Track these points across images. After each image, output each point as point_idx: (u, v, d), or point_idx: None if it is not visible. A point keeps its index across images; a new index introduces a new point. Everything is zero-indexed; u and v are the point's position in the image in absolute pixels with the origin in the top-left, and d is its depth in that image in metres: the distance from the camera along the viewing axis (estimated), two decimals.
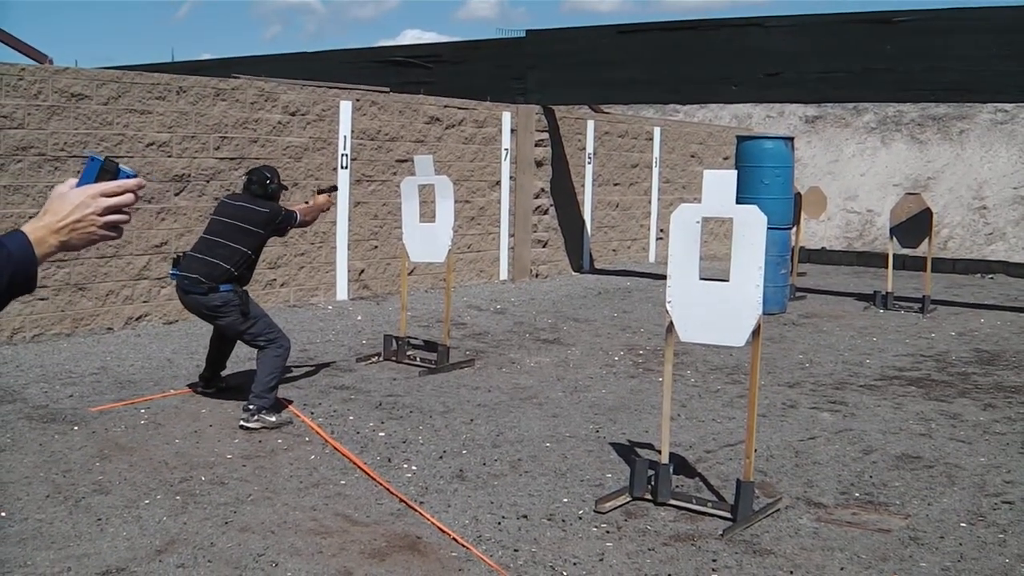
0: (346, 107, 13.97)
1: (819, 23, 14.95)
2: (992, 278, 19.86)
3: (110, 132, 11.12)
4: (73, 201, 2.23)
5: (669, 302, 6.20)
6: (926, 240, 15.35)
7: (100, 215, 2.25)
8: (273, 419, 7.78)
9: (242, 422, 7.70)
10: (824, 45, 14.67)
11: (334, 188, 9.59)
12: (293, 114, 13.22)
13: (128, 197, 2.28)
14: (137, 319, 11.49)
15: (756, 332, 5.98)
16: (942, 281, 18.37)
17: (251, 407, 7.73)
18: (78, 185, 2.26)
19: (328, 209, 9.17)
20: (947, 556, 5.62)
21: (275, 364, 8.00)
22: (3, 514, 5.79)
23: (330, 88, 14.10)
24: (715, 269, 6.02)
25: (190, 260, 8.15)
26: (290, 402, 8.40)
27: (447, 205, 10.13)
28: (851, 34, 14.53)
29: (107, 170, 2.27)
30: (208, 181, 12.06)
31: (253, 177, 8.52)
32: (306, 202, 9.23)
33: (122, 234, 2.35)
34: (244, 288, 8.17)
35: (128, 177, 2.28)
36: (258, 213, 8.26)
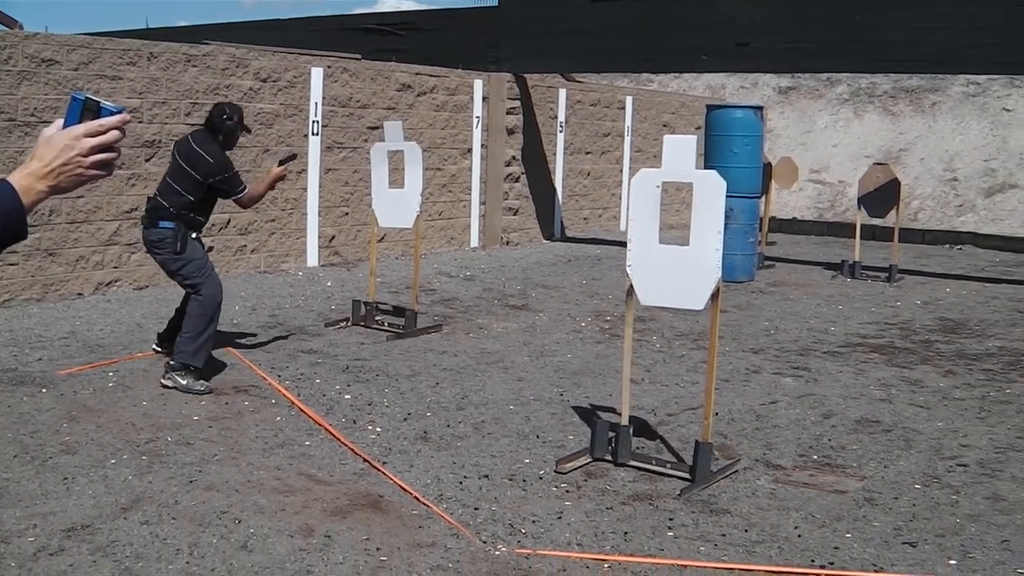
0: (317, 74, 13.98)
1: None
2: (961, 249, 20.02)
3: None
4: (57, 144, 2.22)
5: (629, 266, 6.28)
6: (894, 210, 15.46)
7: (86, 155, 2.24)
8: (185, 383, 7.70)
9: (162, 380, 7.77)
10: (794, 15, 14.71)
11: (292, 157, 9.23)
12: (264, 80, 13.23)
13: (113, 134, 2.26)
14: (107, 284, 11.52)
15: (715, 296, 6.07)
16: (911, 251, 18.51)
17: (171, 362, 7.78)
18: (64, 127, 2.25)
19: (284, 178, 8.81)
20: (900, 516, 5.73)
21: (199, 314, 7.84)
22: None
23: (301, 55, 14.11)
24: (685, 238, 6.10)
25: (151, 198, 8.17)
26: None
27: (416, 171, 10.17)
28: (822, 5, 14.58)
29: (89, 109, 2.26)
30: None
31: (213, 111, 8.26)
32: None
33: (112, 171, 2.34)
34: (190, 231, 8.04)
35: (111, 114, 2.27)
36: (204, 161, 7.98)
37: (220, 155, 8.09)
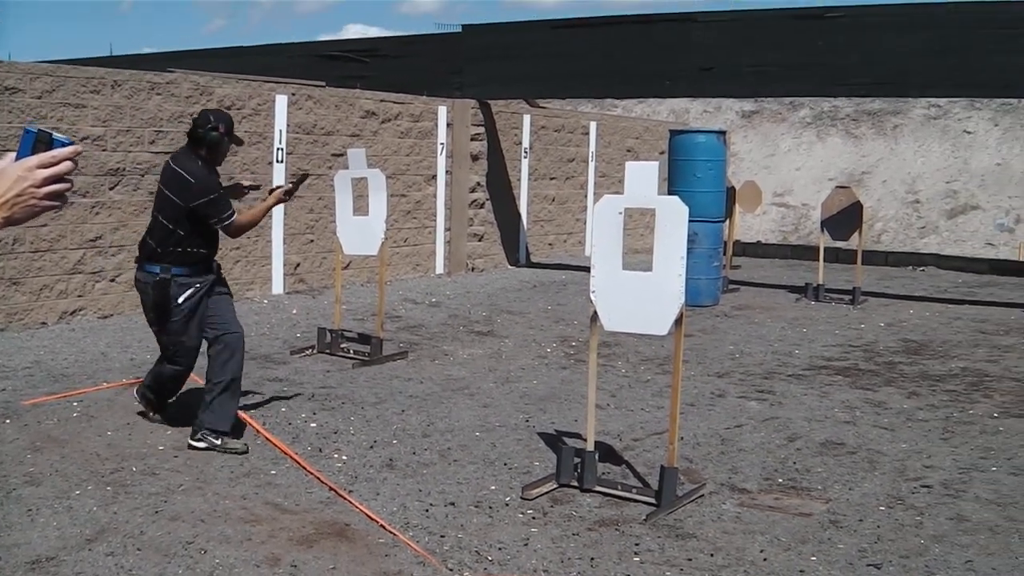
0: (282, 101, 13.98)
1: (752, 18, 15.14)
2: (923, 270, 20.17)
3: (44, 126, 11.06)
4: (11, 176, 2.27)
5: (593, 292, 6.31)
6: (857, 232, 15.57)
7: (39, 187, 2.29)
8: (219, 442, 7.07)
9: (191, 442, 7.11)
10: (757, 40, 14.84)
11: (305, 177, 8.13)
12: (229, 108, 13.20)
13: (65, 165, 2.31)
14: (71, 313, 11.46)
15: (679, 321, 6.11)
16: (874, 273, 18.65)
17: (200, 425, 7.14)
18: (16, 159, 2.30)
19: (288, 199, 7.77)
20: (864, 538, 5.77)
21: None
22: None
23: (265, 82, 14.11)
24: (649, 262, 6.13)
25: None
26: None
27: (380, 198, 10.19)
28: (783, 29, 14.72)
29: (41, 140, 2.32)
30: (143, 175, 12.02)
31: (197, 120, 7.15)
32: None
33: (66, 202, 2.39)
34: (190, 278, 7.05)
35: (63, 145, 2.33)
36: (184, 182, 6.96)
37: (203, 175, 7.04)
